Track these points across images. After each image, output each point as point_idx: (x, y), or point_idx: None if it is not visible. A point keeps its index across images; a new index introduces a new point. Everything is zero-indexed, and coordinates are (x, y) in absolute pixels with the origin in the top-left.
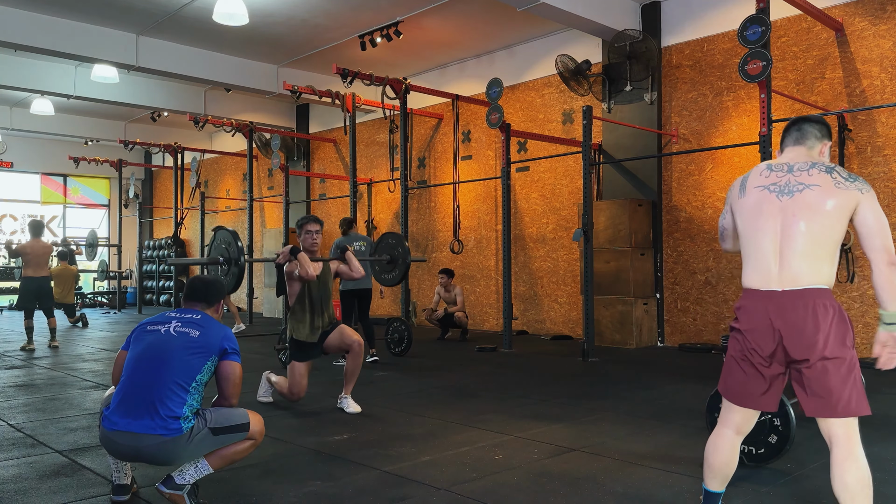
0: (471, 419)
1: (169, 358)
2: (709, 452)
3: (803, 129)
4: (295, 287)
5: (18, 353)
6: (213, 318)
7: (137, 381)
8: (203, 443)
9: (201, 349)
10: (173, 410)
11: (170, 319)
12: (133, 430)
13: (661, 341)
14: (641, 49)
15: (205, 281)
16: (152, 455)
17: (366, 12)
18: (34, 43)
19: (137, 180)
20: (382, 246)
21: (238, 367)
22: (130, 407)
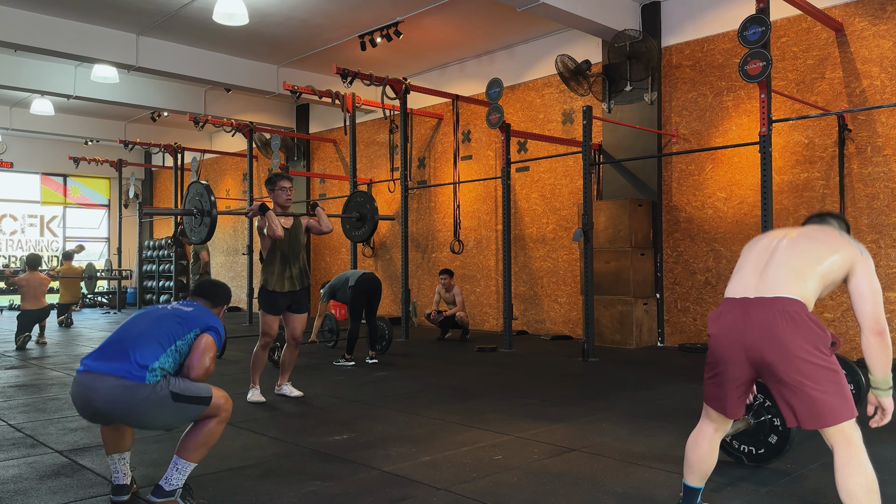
0: (471, 419)
1: (155, 319)
2: (688, 447)
3: (825, 218)
4: (266, 241)
5: (18, 353)
6: (212, 311)
7: (119, 335)
8: (161, 406)
9: (188, 320)
10: (143, 360)
11: (169, 303)
12: (98, 371)
13: (661, 341)
14: (641, 49)
15: (214, 283)
16: (108, 399)
17: (366, 12)
18: (34, 43)
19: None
20: (352, 204)
21: (211, 340)
22: (105, 353)
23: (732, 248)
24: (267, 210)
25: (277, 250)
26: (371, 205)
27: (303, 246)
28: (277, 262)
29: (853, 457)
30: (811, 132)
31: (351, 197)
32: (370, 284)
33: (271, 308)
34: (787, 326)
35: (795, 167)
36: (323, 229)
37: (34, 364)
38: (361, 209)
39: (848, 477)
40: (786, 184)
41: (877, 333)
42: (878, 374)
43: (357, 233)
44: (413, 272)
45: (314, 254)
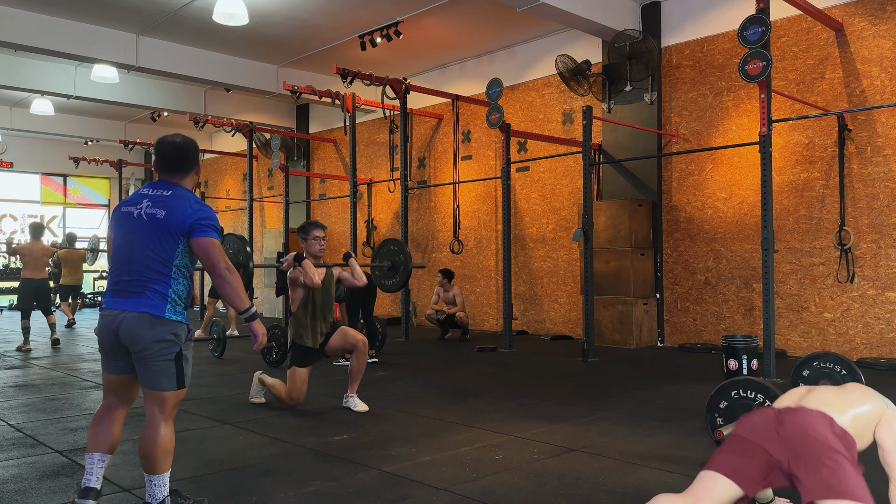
0: (471, 419)
1: (143, 246)
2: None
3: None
4: (298, 293)
5: (18, 353)
6: (184, 191)
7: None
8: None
9: (169, 232)
10: (158, 288)
11: (142, 199)
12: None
13: (661, 341)
14: (641, 49)
15: (176, 145)
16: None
17: (366, 12)
18: (34, 43)
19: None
20: (384, 252)
21: (206, 241)
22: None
23: (732, 248)
24: (302, 259)
25: (310, 303)
26: (405, 254)
27: (333, 299)
28: (310, 317)
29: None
30: (811, 132)
31: (383, 244)
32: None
33: (302, 361)
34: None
35: (795, 167)
36: (357, 282)
37: (34, 364)
38: (394, 258)
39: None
40: (786, 184)
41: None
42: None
43: (389, 282)
44: (413, 272)
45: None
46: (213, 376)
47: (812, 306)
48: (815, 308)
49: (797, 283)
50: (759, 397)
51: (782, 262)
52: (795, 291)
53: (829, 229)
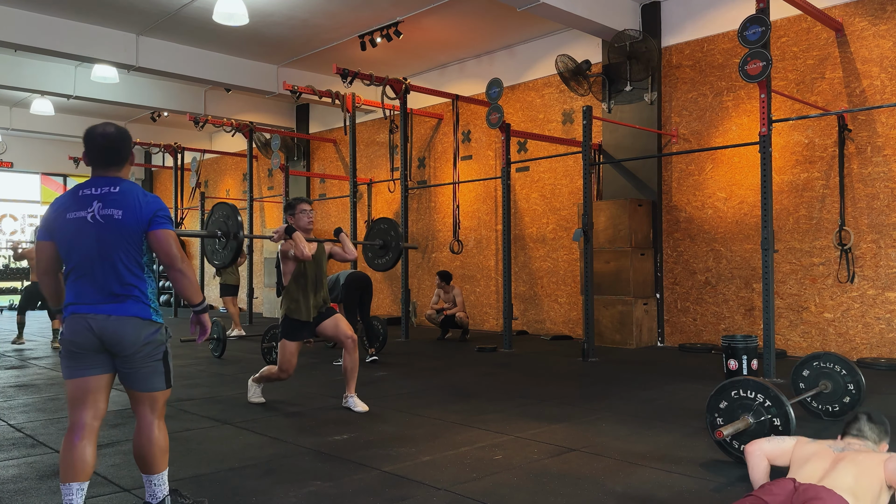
0: (471, 419)
1: (111, 251)
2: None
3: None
4: (290, 266)
5: (18, 354)
6: (132, 185)
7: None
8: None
9: (132, 232)
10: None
11: (90, 200)
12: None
13: (661, 341)
14: (641, 49)
15: (110, 136)
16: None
17: (366, 12)
18: (34, 43)
19: (137, 180)
20: (375, 231)
21: (163, 234)
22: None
23: (732, 248)
24: (293, 231)
25: (302, 277)
26: (396, 232)
27: (325, 273)
28: (301, 289)
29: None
30: (811, 132)
31: (375, 224)
32: (361, 282)
33: (294, 334)
34: None
35: (795, 167)
36: (347, 256)
37: (34, 364)
38: (385, 236)
39: None
40: (786, 184)
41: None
42: None
43: (380, 261)
44: (413, 272)
45: None
46: (214, 376)
47: (812, 306)
48: (815, 308)
49: (797, 283)
50: (760, 397)
51: (782, 262)
52: (795, 291)
53: (829, 229)
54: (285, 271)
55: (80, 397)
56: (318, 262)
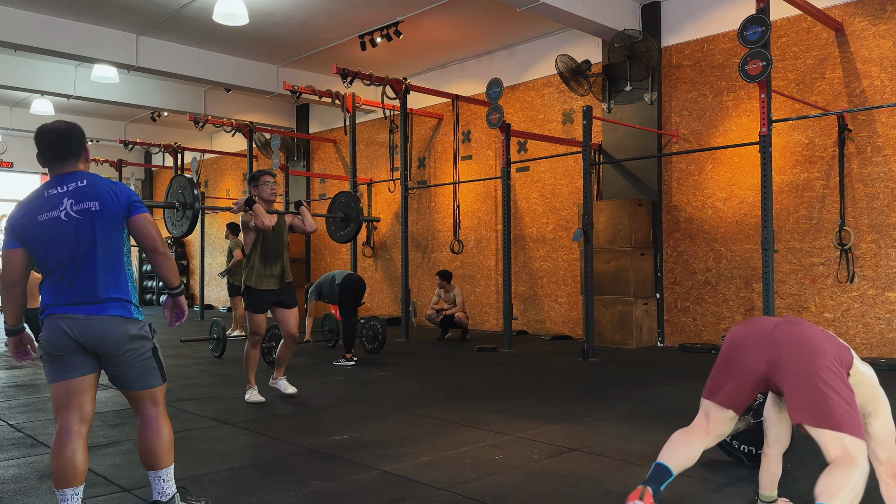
0: (471, 419)
1: (89, 246)
2: (675, 435)
3: None
4: (250, 237)
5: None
6: (97, 176)
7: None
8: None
9: (113, 221)
10: (121, 291)
11: (60, 199)
12: (86, 313)
13: (661, 341)
14: (641, 49)
15: (60, 132)
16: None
17: (366, 12)
18: (34, 43)
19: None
20: (336, 205)
21: (144, 218)
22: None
23: (732, 248)
24: (254, 203)
25: (259, 246)
26: (356, 205)
27: (285, 244)
28: (258, 259)
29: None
30: (811, 132)
31: (336, 197)
32: (356, 284)
33: (257, 307)
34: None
35: (795, 167)
36: (307, 228)
37: (34, 364)
38: (346, 209)
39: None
40: (786, 184)
41: (893, 476)
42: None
43: (342, 233)
44: (413, 272)
45: (314, 253)
46: (214, 376)
47: (812, 306)
48: (815, 308)
49: (797, 283)
50: (760, 397)
51: (782, 262)
52: (795, 291)
53: (829, 229)
54: (246, 241)
55: (65, 402)
56: (279, 234)
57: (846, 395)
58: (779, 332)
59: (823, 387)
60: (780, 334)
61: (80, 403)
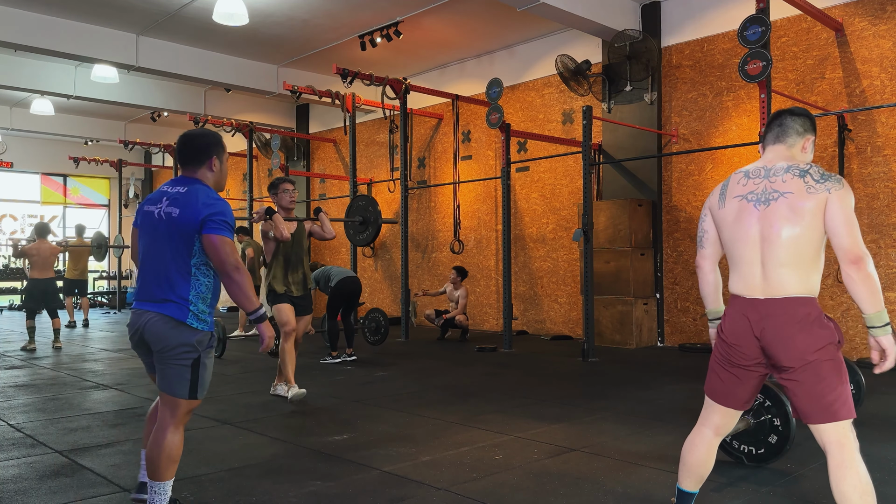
0: (471, 419)
1: (163, 246)
2: (685, 451)
3: (784, 125)
4: (270, 246)
5: (19, 353)
6: (201, 186)
7: (146, 273)
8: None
9: (182, 230)
10: (180, 294)
11: (162, 196)
12: (146, 308)
13: (661, 341)
14: (641, 49)
15: (188, 137)
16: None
17: (366, 12)
18: (34, 43)
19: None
20: (354, 209)
21: (216, 239)
22: (145, 294)
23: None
24: (273, 213)
25: (281, 255)
26: (374, 208)
27: (305, 251)
28: (280, 268)
29: (846, 459)
30: None
31: (353, 201)
32: (350, 288)
33: (281, 299)
34: (799, 332)
35: None
36: (326, 235)
37: (34, 364)
38: (364, 213)
39: (842, 479)
40: None
41: (851, 262)
42: (867, 309)
43: (361, 236)
44: (413, 272)
45: (314, 254)
46: (214, 376)
47: None
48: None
49: None
50: (759, 397)
51: None
52: None
53: None
54: (267, 250)
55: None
56: (298, 241)
57: (841, 381)
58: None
59: (824, 387)
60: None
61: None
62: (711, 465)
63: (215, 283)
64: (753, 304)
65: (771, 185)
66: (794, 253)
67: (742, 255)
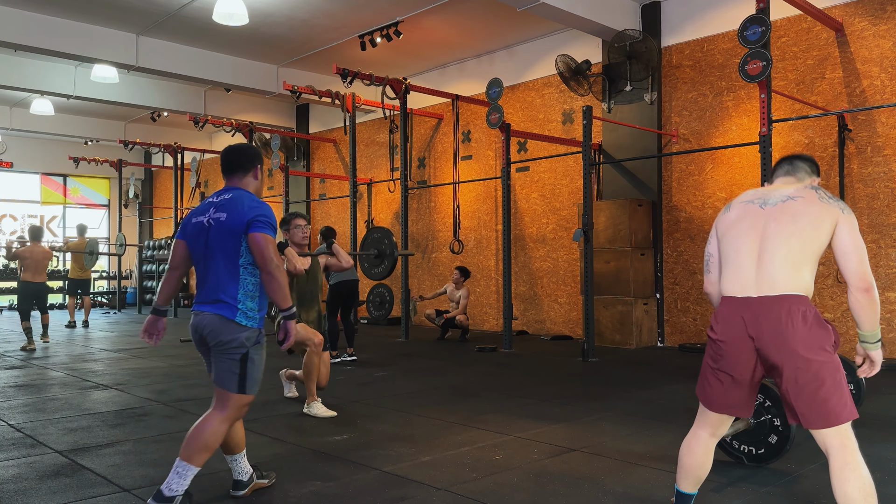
0: (471, 419)
1: (213, 251)
2: (683, 453)
3: (794, 164)
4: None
5: (18, 353)
6: (244, 192)
7: (200, 277)
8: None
9: (231, 233)
10: (230, 295)
11: (209, 207)
12: (202, 309)
13: (661, 341)
14: (641, 49)
15: (234, 149)
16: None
17: (366, 12)
18: (34, 43)
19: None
20: (369, 241)
21: (261, 237)
22: (201, 297)
23: None
24: (286, 247)
25: (295, 291)
26: (389, 240)
27: (320, 287)
28: (296, 305)
29: (848, 461)
30: (811, 132)
31: (368, 233)
32: (349, 288)
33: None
34: (795, 330)
35: None
36: (343, 265)
37: (34, 364)
38: (379, 245)
39: (845, 481)
40: None
41: (863, 290)
42: (866, 328)
43: (376, 270)
44: (413, 272)
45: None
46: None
47: None
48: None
49: None
50: (760, 397)
51: None
52: None
53: None
54: None
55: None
56: (313, 277)
57: (840, 384)
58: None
59: (825, 392)
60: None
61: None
62: (709, 467)
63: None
64: (747, 303)
65: (781, 191)
66: (794, 251)
67: (738, 249)
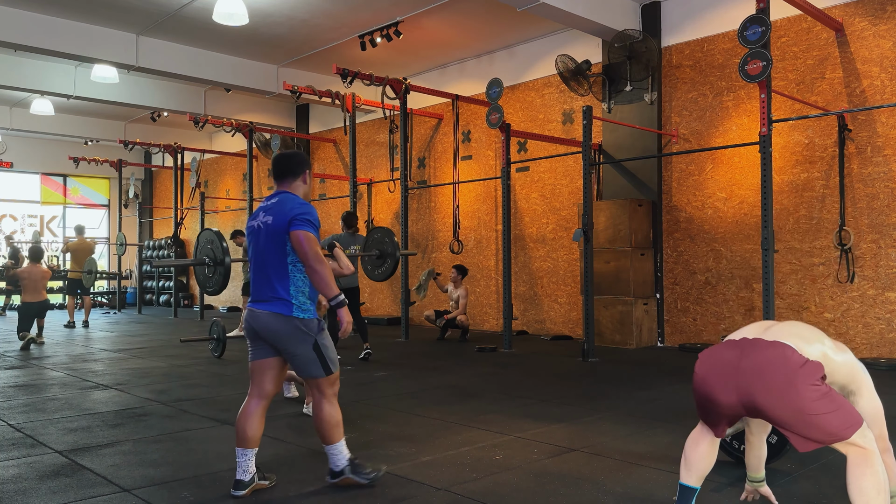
0: (471, 419)
1: (264, 253)
2: (688, 446)
3: None
4: None
5: (19, 353)
6: (290, 195)
7: (255, 277)
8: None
9: (277, 233)
10: (283, 293)
11: (259, 212)
12: (261, 309)
13: (661, 341)
14: (641, 49)
15: (284, 155)
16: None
17: (366, 12)
18: (34, 43)
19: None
20: (371, 242)
21: (301, 234)
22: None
23: (732, 248)
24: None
25: None
26: (391, 239)
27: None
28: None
29: (867, 457)
30: (811, 132)
31: (369, 234)
32: (349, 295)
33: None
34: (780, 371)
35: (795, 167)
36: (344, 272)
37: (34, 364)
38: (381, 245)
39: (861, 476)
40: (786, 184)
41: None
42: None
43: (379, 271)
44: (413, 272)
45: None
46: (213, 376)
47: (812, 306)
48: (815, 308)
49: (797, 283)
50: None
51: (782, 262)
52: (795, 291)
53: (829, 229)
54: None
55: (252, 378)
56: None
57: (835, 405)
58: (744, 365)
59: (815, 419)
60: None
61: (260, 381)
62: (713, 461)
63: None
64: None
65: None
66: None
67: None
